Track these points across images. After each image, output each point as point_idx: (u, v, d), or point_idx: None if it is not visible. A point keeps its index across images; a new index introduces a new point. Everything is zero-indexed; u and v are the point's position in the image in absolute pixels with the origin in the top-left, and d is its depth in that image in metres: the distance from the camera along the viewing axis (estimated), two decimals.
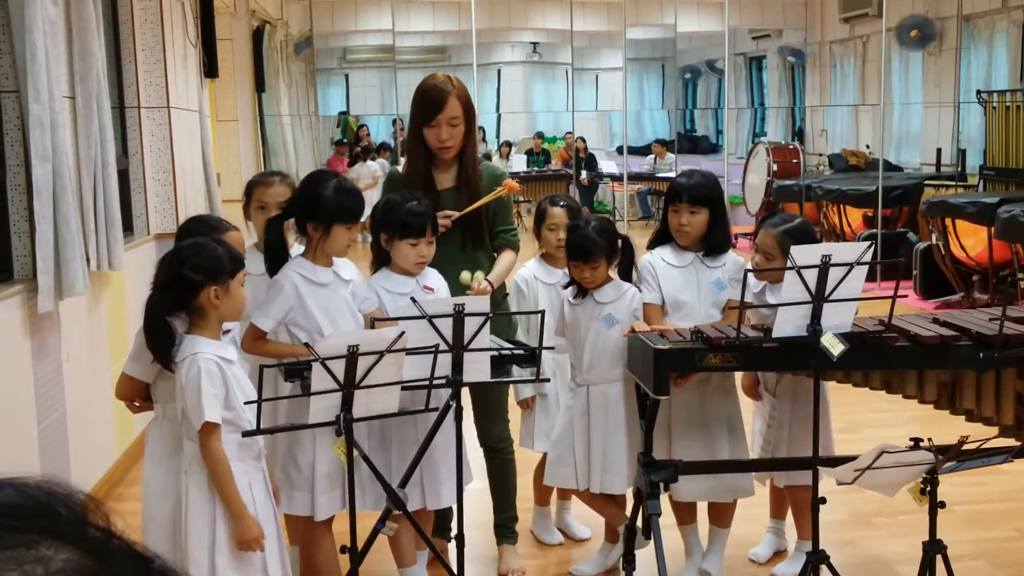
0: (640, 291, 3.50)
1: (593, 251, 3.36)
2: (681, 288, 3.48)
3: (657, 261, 3.52)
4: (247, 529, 2.64)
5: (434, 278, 3.37)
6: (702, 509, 3.68)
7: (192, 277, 2.66)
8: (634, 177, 14.52)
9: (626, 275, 3.51)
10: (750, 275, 3.43)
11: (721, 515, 3.65)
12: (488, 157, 14.57)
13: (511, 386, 3.74)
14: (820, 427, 3.18)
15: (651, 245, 3.63)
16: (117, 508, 4.42)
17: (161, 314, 2.69)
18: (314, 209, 3.06)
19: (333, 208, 3.05)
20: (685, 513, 3.63)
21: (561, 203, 3.82)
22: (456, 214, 3.48)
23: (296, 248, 3.28)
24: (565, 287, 3.55)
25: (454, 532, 3.18)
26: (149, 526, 2.88)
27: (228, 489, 2.63)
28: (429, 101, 3.49)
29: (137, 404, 3.01)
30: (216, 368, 2.64)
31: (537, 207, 4.00)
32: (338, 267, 3.17)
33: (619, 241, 3.46)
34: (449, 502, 3.32)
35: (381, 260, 3.35)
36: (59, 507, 0.60)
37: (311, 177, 3.22)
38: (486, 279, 3.49)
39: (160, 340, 2.69)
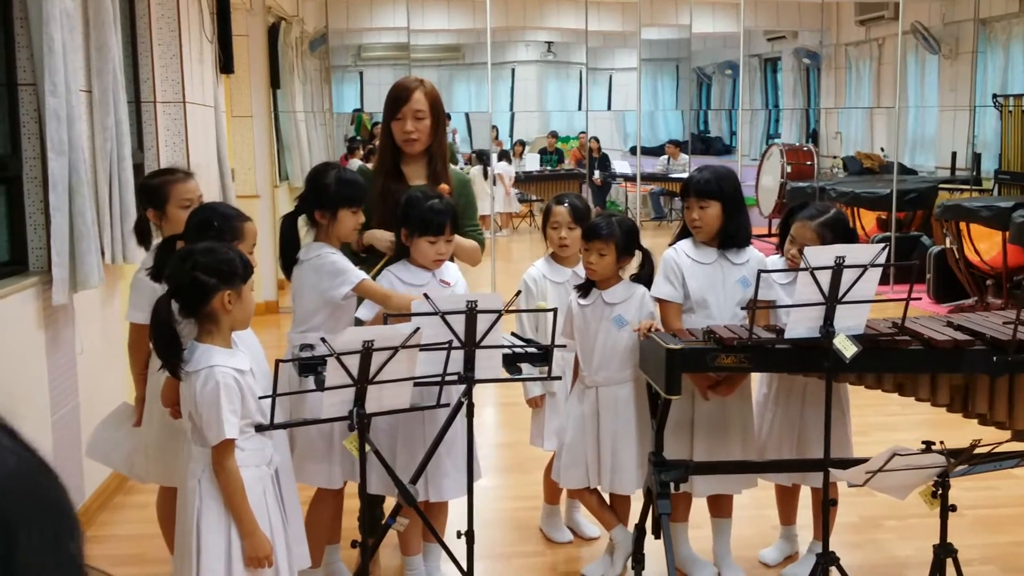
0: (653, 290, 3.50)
1: (599, 232, 3.37)
2: (707, 287, 3.46)
3: (682, 258, 3.49)
4: (259, 546, 2.62)
5: (451, 272, 3.39)
6: (695, 511, 3.69)
7: (205, 281, 2.57)
8: (647, 177, 14.47)
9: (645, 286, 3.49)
10: (781, 266, 3.44)
11: (721, 506, 3.66)
12: (506, 155, 14.59)
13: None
14: (838, 429, 3.16)
15: (674, 242, 3.62)
16: (128, 501, 4.45)
17: (170, 320, 2.60)
18: (320, 198, 3.23)
19: (336, 194, 3.21)
20: (679, 511, 3.60)
21: (566, 202, 3.79)
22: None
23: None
24: (576, 289, 3.54)
25: (464, 528, 3.18)
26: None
27: (242, 507, 2.61)
28: (396, 96, 3.62)
29: (180, 409, 2.91)
30: (234, 382, 2.58)
31: (545, 206, 4.01)
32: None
33: (636, 248, 3.45)
34: (451, 496, 3.34)
35: (402, 253, 3.39)
36: None
37: (314, 170, 3.38)
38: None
39: (170, 346, 2.61)
